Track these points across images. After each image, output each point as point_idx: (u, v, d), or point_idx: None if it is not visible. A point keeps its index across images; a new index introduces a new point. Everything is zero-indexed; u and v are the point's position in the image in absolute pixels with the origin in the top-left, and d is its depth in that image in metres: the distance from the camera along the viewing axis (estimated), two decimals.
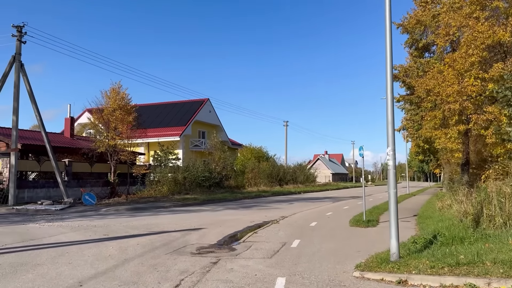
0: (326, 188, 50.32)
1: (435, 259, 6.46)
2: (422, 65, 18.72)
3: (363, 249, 8.70)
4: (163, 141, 37.89)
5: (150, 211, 18.86)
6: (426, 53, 21.09)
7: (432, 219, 13.25)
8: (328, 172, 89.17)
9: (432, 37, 18.56)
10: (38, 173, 25.73)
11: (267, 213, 17.23)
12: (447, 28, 16.18)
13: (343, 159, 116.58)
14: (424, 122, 18.21)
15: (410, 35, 20.12)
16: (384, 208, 18.49)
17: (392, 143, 6.76)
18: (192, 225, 12.97)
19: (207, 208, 20.49)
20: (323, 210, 18.87)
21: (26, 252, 8.44)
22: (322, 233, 11.09)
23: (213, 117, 47.80)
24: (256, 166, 42.13)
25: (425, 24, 19.11)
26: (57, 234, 10.94)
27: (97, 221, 14.21)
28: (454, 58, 15.25)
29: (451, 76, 14.97)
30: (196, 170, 31.53)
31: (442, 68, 16.21)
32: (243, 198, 28.11)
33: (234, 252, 8.48)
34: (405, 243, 8.42)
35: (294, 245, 9.16)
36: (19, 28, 20.77)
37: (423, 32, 20.02)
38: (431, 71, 16.69)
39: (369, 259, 7.15)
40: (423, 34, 20.27)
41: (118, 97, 26.93)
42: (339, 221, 14.10)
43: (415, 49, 20.42)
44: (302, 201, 26.53)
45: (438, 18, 17.75)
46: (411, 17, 19.57)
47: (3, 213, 17.70)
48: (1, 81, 20.69)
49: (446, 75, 15.31)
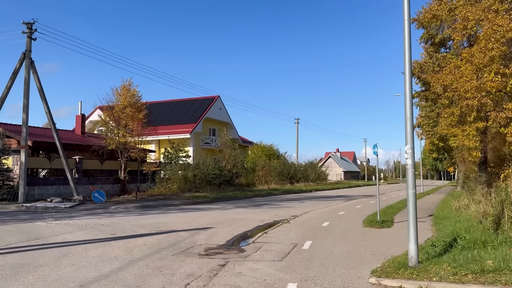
0: (337, 186, 49.74)
1: (457, 265, 6.05)
2: (438, 60, 18.14)
3: (379, 252, 8.30)
4: (174, 138, 37.77)
5: (159, 209, 18.65)
6: (442, 48, 20.46)
7: (449, 219, 12.77)
8: (340, 170, 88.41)
9: (448, 32, 17.96)
10: (48, 170, 25.77)
11: (278, 212, 16.89)
12: (465, 22, 15.59)
13: (355, 157, 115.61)
14: (441, 119, 17.65)
15: (426, 30, 19.50)
16: (398, 208, 18.03)
17: (411, 141, 6.35)
18: (201, 224, 12.69)
19: (217, 206, 20.22)
20: (335, 209, 18.45)
21: (30, 252, 8.23)
22: (335, 234, 10.70)
23: (223, 114, 47.55)
24: (267, 164, 41.77)
25: (441, 19, 18.50)
26: (64, 233, 10.74)
27: (105, 220, 14.02)
28: (472, 52, 14.67)
29: (469, 71, 14.41)
30: (206, 168, 31.31)
31: (459, 63, 15.65)
32: (253, 196, 27.81)
33: (243, 254, 8.16)
34: (423, 246, 8.01)
35: (305, 247, 8.80)
36: (29, 25, 20.70)
37: (439, 26, 19.41)
38: (447, 66, 16.11)
39: (386, 263, 6.76)
40: (439, 29, 19.65)
41: (129, 94, 26.86)
42: (352, 221, 13.68)
43: (431, 45, 19.80)
44: (314, 199, 26.12)
45: (454, 12, 17.15)
46: (427, 12, 18.97)
47: (12, 210, 17.65)
48: (12, 78, 20.68)
49: (463, 70, 14.75)
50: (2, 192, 20.66)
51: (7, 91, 20.88)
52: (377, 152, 12.87)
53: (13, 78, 20.80)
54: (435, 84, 16.37)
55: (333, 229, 11.63)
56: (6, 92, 20.83)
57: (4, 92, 20.80)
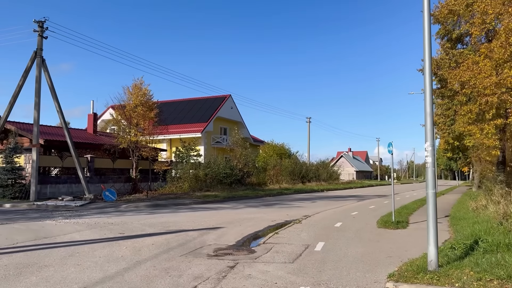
0: (350, 186, 49.16)
1: (481, 270, 5.68)
2: (455, 57, 17.64)
3: (395, 254, 7.95)
4: (185, 137, 37.66)
5: (169, 208, 18.49)
6: (459, 44, 19.92)
7: (466, 220, 12.33)
8: (352, 169, 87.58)
9: (466, 27, 17.46)
10: (60, 168, 25.82)
11: (289, 212, 16.58)
12: (483, 16, 15.11)
13: (368, 156, 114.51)
14: (457, 116, 17.15)
15: (442, 26, 19.00)
16: (413, 208, 17.58)
17: (431, 138, 6.00)
18: (210, 224, 12.45)
19: (227, 205, 19.99)
20: (348, 209, 18.06)
21: (36, 251, 8.06)
22: (348, 235, 10.35)
23: (235, 113, 47.35)
24: (278, 163, 41.42)
25: (458, 14, 17.99)
26: (72, 232, 10.59)
27: (115, 218, 13.87)
28: (491, 48, 14.20)
29: (488, 67, 13.94)
30: (217, 167, 31.11)
31: (477, 59, 15.16)
32: (264, 196, 27.52)
33: (253, 255, 7.88)
34: (441, 248, 7.62)
35: (318, 249, 8.48)
36: (41, 23, 20.70)
37: (456, 22, 18.89)
38: (465, 62, 15.63)
39: (403, 267, 6.41)
40: (456, 24, 19.14)
41: (140, 93, 26.78)
42: (366, 221, 13.30)
43: (447, 40, 19.29)
44: (326, 199, 25.73)
45: (472, 6, 16.64)
46: (443, 7, 18.47)
47: (23, 208, 17.65)
48: (23, 77, 20.72)
49: (482, 66, 14.28)
50: (14, 191, 20.70)
51: (19, 90, 20.92)
52: (392, 151, 12.47)
53: (25, 76, 20.83)
54: (452, 81, 15.91)
55: (346, 230, 11.28)
56: (18, 90, 20.87)
57: (15, 90, 20.85)
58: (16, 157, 21.40)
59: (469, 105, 15.41)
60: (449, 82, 16.91)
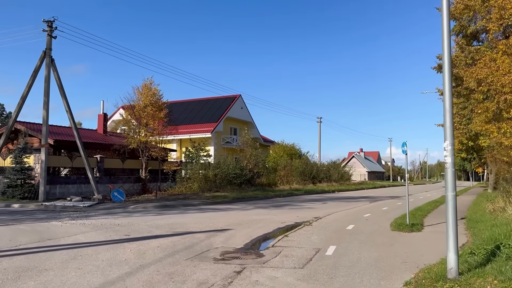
0: (361, 187, 48.49)
1: (506, 279, 5.26)
2: (471, 53, 17.08)
3: (410, 259, 7.55)
4: (195, 137, 37.48)
5: (178, 209, 18.25)
6: (475, 41, 19.34)
7: (484, 223, 11.85)
8: (364, 170, 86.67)
9: (482, 23, 16.92)
10: (70, 169, 25.80)
11: (299, 213, 16.21)
12: (501, 11, 14.56)
13: (379, 156, 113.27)
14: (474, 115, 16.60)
15: (458, 22, 18.45)
16: (427, 210, 17.09)
17: (451, 136, 5.60)
18: (219, 226, 12.16)
19: (236, 206, 19.68)
20: (360, 211, 17.62)
21: (38, 254, 7.84)
22: (360, 238, 9.96)
23: (245, 113, 47.07)
24: (289, 164, 40.98)
25: (474, 9, 17.45)
26: (77, 234, 10.37)
27: (122, 219, 13.65)
28: (509, 44, 13.67)
29: (506, 64, 13.41)
30: (227, 167, 30.84)
31: (495, 55, 14.62)
32: (274, 197, 27.15)
33: (261, 259, 7.55)
34: (460, 253, 7.16)
35: (329, 253, 8.11)
36: (50, 23, 20.65)
37: (472, 18, 18.33)
38: (482, 59, 15.10)
39: (420, 274, 6.03)
40: (472, 20, 18.58)
41: (150, 93, 26.65)
42: (379, 224, 12.87)
43: (462, 37, 18.74)
44: (337, 200, 25.27)
45: (489, 2, 16.09)
46: (458, 2, 17.93)
47: (31, 209, 17.56)
48: (32, 76, 20.68)
49: (500, 63, 13.75)
50: (23, 191, 20.67)
51: (28, 89, 20.90)
52: (406, 151, 12.02)
53: (34, 76, 20.80)
54: (468, 79, 15.39)
55: (358, 233, 10.88)
56: (27, 90, 20.85)
57: (25, 90, 20.83)
58: (25, 157, 21.38)
59: (486, 103, 14.88)
60: (465, 80, 16.39)
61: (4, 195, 20.70)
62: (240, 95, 46.47)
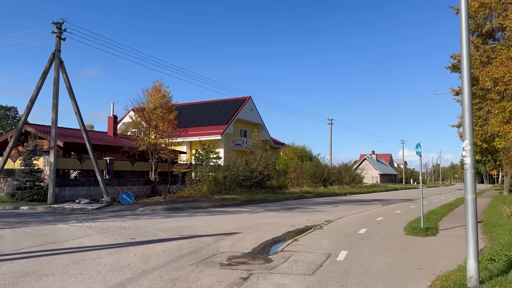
0: (373, 189, 47.83)
1: None
2: (487, 52, 16.58)
3: (426, 265, 7.18)
4: (205, 139, 37.36)
5: (186, 211, 18.03)
6: (490, 39, 18.81)
7: (502, 227, 11.40)
8: (376, 172, 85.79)
9: (498, 20, 16.42)
10: (79, 171, 25.79)
11: (310, 217, 15.85)
12: None
13: (392, 159, 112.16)
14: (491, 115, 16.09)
15: (473, 20, 17.96)
16: (441, 213, 16.60)
17: (470, 135, 5.24)
18: (227, 229, 11.88)
19: (246, 209, 19.40)
20: (373, 215, 17.19)
21: (40, 258, 7.64)
22: (373, 243, 9.58)
23: (255, 115, 46.82)
24: (299, 166, 40.58)
25: (490, 7, 16.95)
26: (82, 237, 10.18)
27: (129, 222, 13.46)
28: None
29: None
30: (236, 169, 30.58)
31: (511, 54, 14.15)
32: (284, 199, 26.80)
33: (269, 265, 7.24)
34: (480, 260, 6.80)
35: (340, 258, 7.76)
36: (59, 24, 20.66)
37: (487, 16, 17.84)
38: (498, 58, 14.62)
39: (437, 282, 5.66)
40: (487, 18, 18.08)
41: (160, 95, 26.59)
42: (392, 228, 12.46)
43: (478, 36, 18.24)
44: (348, 203, 24.82)
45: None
46: (473, 0, 17.45)
47: (39, 211, 17.50)
48: (42, 78, 20.70)
49: None
50: (32, 193, 20.66)
51: (37, 92, 20.92)
52: (421, 153, 11.61)
53: (43, 78, 20.81)
54: (484, 78, 14.92)
55: (371, 237, 10.50)
56: (36, 92, 20.87)
57: (34, 92, 20.85)
58: (34, 160, 21.38)
59: (502, 103, 14.39)
60: (480, 80, 15.91)
61: (14, 197, 20.72)
62: (250, 97, 46.25)
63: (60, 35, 20.67)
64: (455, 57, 18.40)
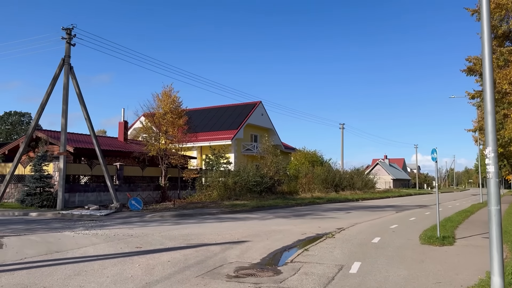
0: (387, 195, 47.05)
1: None
2: (504, 55, 16.06)
3: (444, 279, 6.77)
4: (215, 145, 37.17)
5: (195, 218, 17.76)
6: (507, 42, 18.25)
7: None
8: (389, 177, 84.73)
9: None
10: (90, 177, 25.73)
11: (321, 224, 15.46)
12: None
13: (405, 163, 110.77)
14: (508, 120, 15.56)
15: None
16: (458, 221, 16.07)
17: (493, 141, 4.87)
18: (235, 237, 11.57)
19: (255, 216, 19.06)
20: (386, 222, 16.72)
21: (41, 268, 7.40)
22: (388, 253, 9.17)
23: (265, 120, 46.55)
24: (310, 171, 40.10)
25: (507, 8, 16.44)
26: (87, 246, 9.95)
27: (136, 230, 13.23)
28: None
29: None
30: (247, 175, 30.28)
31: None
32: (295, 205, 26.39)
33: (278, 277, 6.91)
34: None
35: (353, 271, 7.39)
36: (68, 30, 20.69)
37: (504, 17, 17.29)
38: None
39: None
40: (503, 19, 17.53)
41: (169, 100, 26.49)
42: (407, 236, 12.01)
43: (493, 38, 17.69)
44: (361, 209, 24.32)
45: None
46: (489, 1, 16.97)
47: (48, 218, 17.38)
48: (51, 84, 20.71)
49: None
50: (42, 199, 20.61)
51: (47, 97, 20.94)
52: (436, 158, 11.18)
53: (53, 84, 20.83)
54: (501, 81, 14.42)
55: (385, 247, 10.09)
56: (46, 98, 20.89)
57: (44, 98, 20.88)
58: (44, 165, 21.37)
59: None
60: (497, 83, 15.39)
61: (23, 203, 20.69)
62: (260, 102, 46.03)
63: (69, 40, 20.68)
64: (471, 60, 17.86)
